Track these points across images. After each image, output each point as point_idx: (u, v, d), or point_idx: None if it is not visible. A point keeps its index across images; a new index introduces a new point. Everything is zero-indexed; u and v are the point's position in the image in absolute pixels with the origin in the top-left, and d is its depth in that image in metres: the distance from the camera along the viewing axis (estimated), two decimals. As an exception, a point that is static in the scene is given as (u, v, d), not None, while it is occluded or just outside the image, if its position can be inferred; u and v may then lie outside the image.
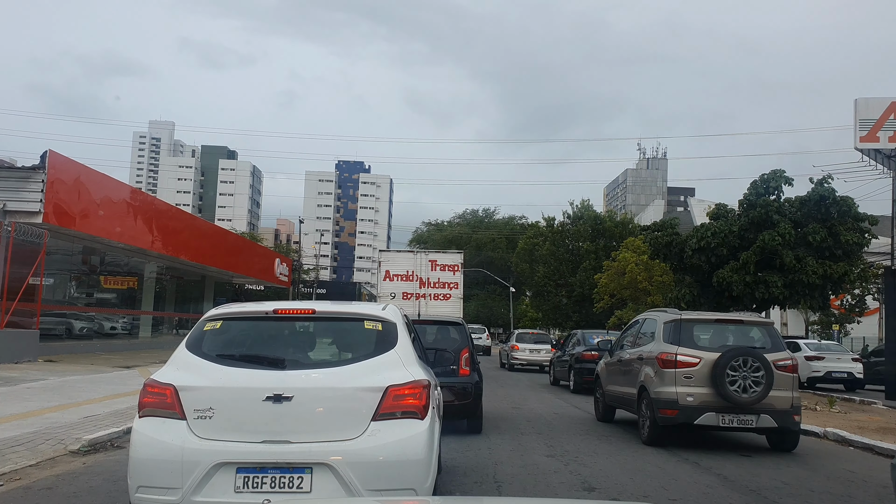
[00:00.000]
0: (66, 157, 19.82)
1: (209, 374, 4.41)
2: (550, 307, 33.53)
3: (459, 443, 8.91)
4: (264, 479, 4.13)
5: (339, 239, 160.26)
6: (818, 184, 19.20)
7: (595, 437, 10.30)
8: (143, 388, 4.47)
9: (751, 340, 10.01)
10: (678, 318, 9.97)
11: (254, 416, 4.22)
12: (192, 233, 30.50)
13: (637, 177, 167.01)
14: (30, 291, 19.25)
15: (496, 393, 16.17)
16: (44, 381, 13.63)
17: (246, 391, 4.29)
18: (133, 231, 24.08)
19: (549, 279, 33.90)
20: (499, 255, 69.60)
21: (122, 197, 23.94)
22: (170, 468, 4.14)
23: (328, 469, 4.14)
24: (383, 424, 4.28)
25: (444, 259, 21.48)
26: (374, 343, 4.70)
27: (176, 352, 4.70)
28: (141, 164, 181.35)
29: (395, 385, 4.37)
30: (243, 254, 37.51)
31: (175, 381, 4.35)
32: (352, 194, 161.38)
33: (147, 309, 30.46)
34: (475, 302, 66.51)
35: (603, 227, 33.86)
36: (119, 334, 28.19)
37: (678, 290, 20.02)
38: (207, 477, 4.11)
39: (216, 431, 4.21)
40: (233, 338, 4.82)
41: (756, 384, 9.04)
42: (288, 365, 4.54)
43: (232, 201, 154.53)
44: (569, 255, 34.03)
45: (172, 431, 4.22)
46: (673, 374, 9.34)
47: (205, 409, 4.24)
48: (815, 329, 53.76)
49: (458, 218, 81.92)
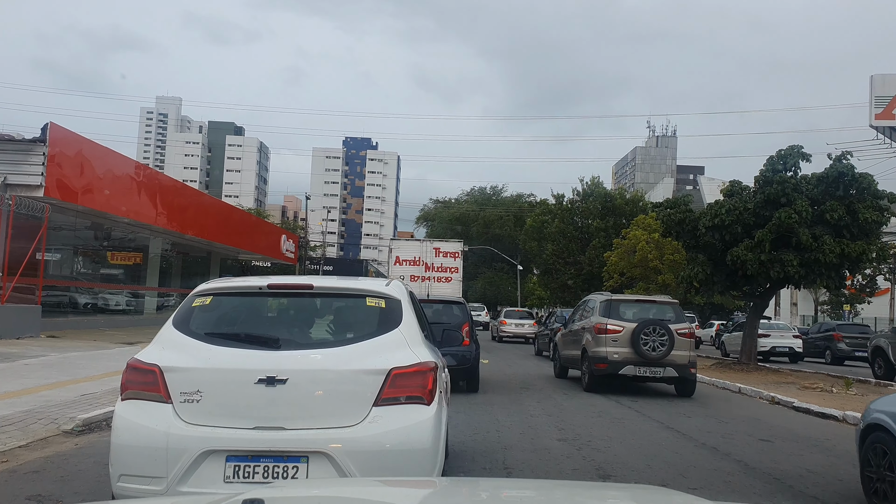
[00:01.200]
0: (67, 130, 19.46)
1: (197, 354, 4.03)
2: (559, 285, 32.88)
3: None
4: (256, 468, 3.78)
5: (347, 216, 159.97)
6: (836, 160, 18.59)
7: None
8: (125, 369, 4.10)
9: (663, 315, 13.20)
10: (610, 299, 13.68)
11: (245, 400, 3.87)
12: (198, 208, 30.18)
13: (646, 155, 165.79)
14: (32, 266, 19.00)
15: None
16: (43, 358, 13.38)
17: (237, 373, 3.92)
18: (137, 206, 23.75)
19: (557, 257, 33.16)
20: (506, 233, 69.01)
21: (126, 171, 23.60)
22: (154, 456, 3.80)
23: (326, 458, 3.80)
24: (386, 410, 3.94)
25: (447, 247, 24.52)
26: (376, 321, 4.32)
27: (162, 329, 4.30)
28: (148, 139, 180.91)
29: (399, 367, 4.02)
30: (249, 230, 37.20)
31: (160, 362, 3.98)
32: (359, 171, 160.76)
33: (152, 285, 30.22)
34: (482, 280, 66.20)
35: (613, 205, 33.33)
36: (124, 310, 27.98)
37: (690, 269, 19.47)
38: (195, 465, 3.77)
39: (204, 416, 3.86)
40: (223, 315, 4.43)
41: (662, 345, 12.48)
42: (283, 345, 4.16)
43: (239, 178, 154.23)
44: (578, 232, 33.41)
45: (157, 416, 3.87)
46: (604, 338, 12.82)
47: (192, 391, 3.89)
48: (825, 309, 53.29)
49: (466, 195, 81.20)
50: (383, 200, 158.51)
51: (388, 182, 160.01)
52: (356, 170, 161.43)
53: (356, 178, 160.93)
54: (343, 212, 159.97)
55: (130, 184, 23.43)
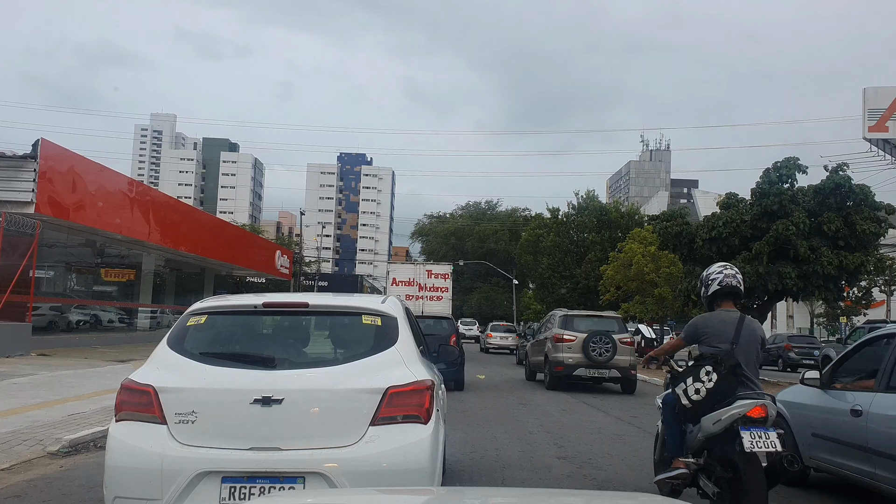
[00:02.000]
0: (59, 146, 19.32)
1: (192, 375, 3.97)
2: (554, 299, 32.57)
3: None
4: (252, 489, 3.71)
5: (342, 231, 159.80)
6: (833, 171, 18.57)
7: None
8: (119, 389, 4.03)
9: (608, 327, 16.08)
10: (566, 314, 16.91)
11: (241, 421, 3.80)
12: (191, 224, 30.01)
13: (640, 168, 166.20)
14: (24, 283, 18.77)
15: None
16: (32, 377, 13.13)
17: (232, 393, 3.85)
18: (130, 222, 23.58)
19: (553, 271, 33.03)
20: (501, 247, 68.99)
21: (119, 187, 23.43)
22: (149, 477, 3.73)
23: (322, 479, 3.73)
24: (383, 430, 3.85)
25: (438, 269, 28.52)
26: (372, 339, 4.25)
27: (156, 349, 4.25)
28: (143, 156, 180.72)
29: (396, 386, 3.93)
30: (243, 246, 37.00)
31: (154, 382, 3.92)
32: (354, 186, 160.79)
33: (146, 301, 30.00)
34: (477, 294, 66.04)
35: (608, 219, 33.19)
36: (116, 327, 27.74)
37: (687, 282, 19.37)
38: (190, 487, 3.71)
39: (199, 437, 3.79)
40: (218, 334, 4.40)
41: (607, 351, 15.25)
42: (278, 364, 4.07)
43: (234, 194, 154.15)
44: (574, 246, 33.27)
45: (152, 437, 3.81)
46: (561, 346, 15.59)
47: (187, 412, 3.82)
48: (821, 322, 53.17)
49: (461, 210, 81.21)
50: (378, 216, 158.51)
51: (383, 197, 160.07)
52: (351, 185, 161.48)
53: (351, 193, 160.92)
54: (338, 227, 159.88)
55: (123, 200, 23.25)
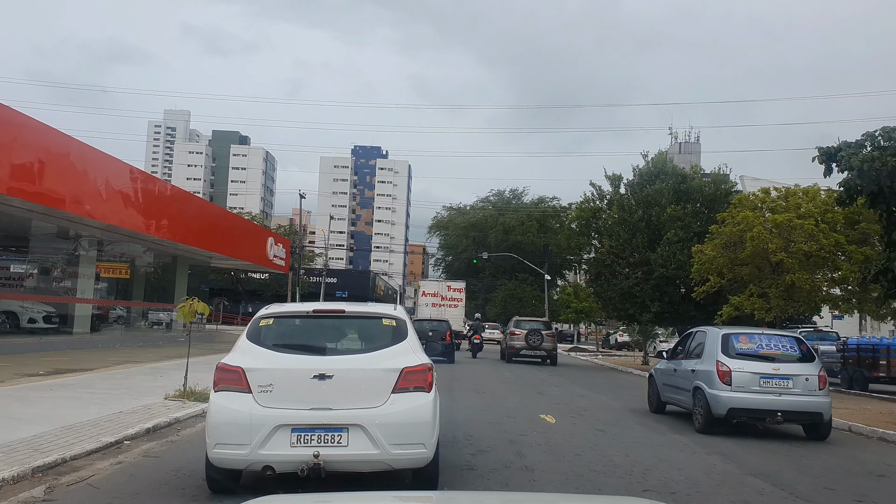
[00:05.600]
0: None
1: (268, 359, 5.89)
2: (618, 293, 25.54)
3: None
4: (312, 436, 5.59)
5: (356, 228, 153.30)
6: None
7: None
8: (216, 370, 5.88)
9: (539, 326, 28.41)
10: (517, 319, 30.23)
11: (304, 390, 5.68)
12: (153, 199, 23.38)
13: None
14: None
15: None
16: None
17: (297, 371, 5.79)
18: (53, 186, 17.15)
19: (616, 256, 25.29)
20: (528, 240, 61.98)
21: (33, 139, 16.96)
22: (240, 430, 5.56)
23: (360, 429, 5.63)
24: (400, 396, 5.81)
25: (455, 285, 41.60)
26: (390, 336, 6.23)
27: (239, 342, 6.13)
28: (156, 153, 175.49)
29: (409, 367, 5.93)
30: (225, 230, 30.17)
31: (242, 364, 5.81)
32: (368, 181, 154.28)
33: (85, 296, 23.34)
34: (502, 292, 59.10)
35: (690, 187, 25.26)
36: (37, 329, 21.09)
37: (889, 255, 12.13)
38: (269, 436, 5.55)
39: (275, 401, 5.66)
40: (283, 331, 6.35)
41: (539, 340, 27.21)
42: (328, 352, 6.12)
43: (244, 189, 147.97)
44: (644, 223, 25.23)
45: (242, 402, 5.67)
46: (514, 338, 27.83)
47: (266, 385, 5.69)
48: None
49: (482, 201, 74.05)
50: (394, 211, 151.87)
51: (399, 192, 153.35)
52: (365, 179, 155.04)
53: (365, 188, 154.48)
54: (352, 223, 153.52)
55: (33, 153, 16.74)
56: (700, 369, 11.30)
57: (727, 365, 10.75)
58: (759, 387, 10.61)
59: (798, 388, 10.64)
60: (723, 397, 10.59)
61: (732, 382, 10.63)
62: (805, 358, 11.09)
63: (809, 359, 11.10)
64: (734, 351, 11.00)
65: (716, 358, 10.93)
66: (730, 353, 10.96)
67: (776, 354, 10.99)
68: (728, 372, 10.67)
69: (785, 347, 11.18)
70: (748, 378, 10.65)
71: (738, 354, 10.93)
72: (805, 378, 10.69)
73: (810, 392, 10.65)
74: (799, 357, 11.08)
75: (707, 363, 11.13)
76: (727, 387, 10.62)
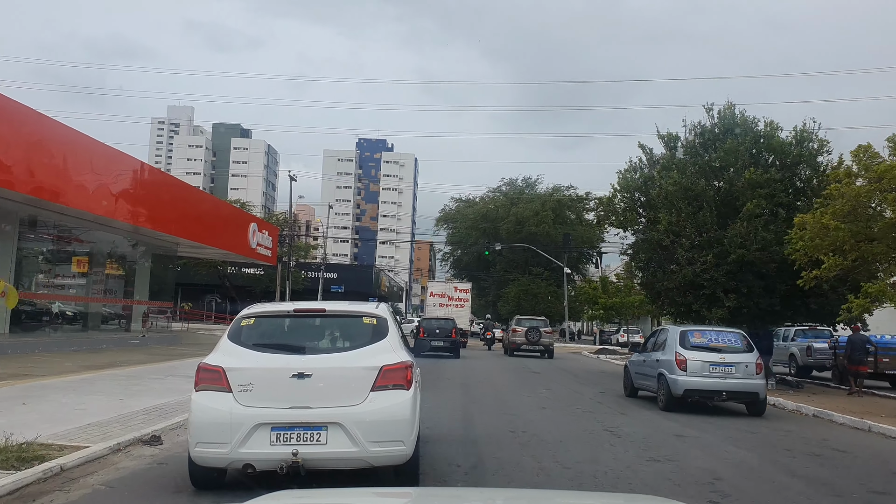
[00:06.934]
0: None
1: (248, 359, 5.91)
2: (679, 283, 18.91)
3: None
4: (291, 435, 5.60)
5: (361, 223, 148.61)
6: None
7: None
8: (197, 369, 5.89)
9: (538, 324, 32.25)
10: (517, 317, 35.27)
11: (283, 389, 5.71)
12: (104, 169, 18.69)
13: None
14: None
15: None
16: None
17: (276, 370, 5.80)
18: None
19: (677, 235, 18.94)
20: (544, 231, 57.28)
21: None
22: (221, 429, 5.60)
23: (339, 427, 5.64)
24: (379, 394, 5.80)
25: (461, 286, 46.92)
26: (370, 334, 6.22)
27: (220, 342, 6.16)
28: (160, 148, 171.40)
29: (388, 365, 5.90)
30: (195, 211, 25.37)
31: (223, 364, 5.83)
32: (373, 175, 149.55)
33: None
34: (515, 288, 54.23)
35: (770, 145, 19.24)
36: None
37: None
38: (249, 434, 5.57)
39: (255, 400, 5.69)
40: (264, 331, 6.35)
41: (537, 336, 31.07)
42: (307, 350, 6.07)
43: (245, 183, 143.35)
44: (714, 193, 19.20)
45: (222, 401, 5.70)
46: (515, 334, 32.08)
47: (246, 384, 5.71)
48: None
49: (493, 192, 69.10)
50: (399, 206, 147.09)
51: (405, 185, 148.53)
52: (370, 173, 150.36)
53: (370, 181, 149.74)
54: (357, 218, 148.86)
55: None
56: (663, 359, 13.60)
57: (683, 355, 13.12)
58: (708, 372, 12.96)
59: (739, 373, 13.00)
60: (680, 381, 12.96)
61: (688, 369, 12.97)
62: (746, 349, 13.49)
63: (749, 350, 13.52)
64: (689, 344, 13.36)
65: (675, 349, 13.30)
66: (686, 346, 13.33)
67: (723, 346, 13.38)
68: (684, 360, 13.04)
69: (730, 341, 13.61)
70: (699, 365, 12.99)
71: (692, 346, 13.30)
72: (745, 365, 13.04)
73: (749, 376, 13.00)
74: (741, 349, 13.45)
75: (668, 354, 13.46)
76: (683, 372, 12.97)
